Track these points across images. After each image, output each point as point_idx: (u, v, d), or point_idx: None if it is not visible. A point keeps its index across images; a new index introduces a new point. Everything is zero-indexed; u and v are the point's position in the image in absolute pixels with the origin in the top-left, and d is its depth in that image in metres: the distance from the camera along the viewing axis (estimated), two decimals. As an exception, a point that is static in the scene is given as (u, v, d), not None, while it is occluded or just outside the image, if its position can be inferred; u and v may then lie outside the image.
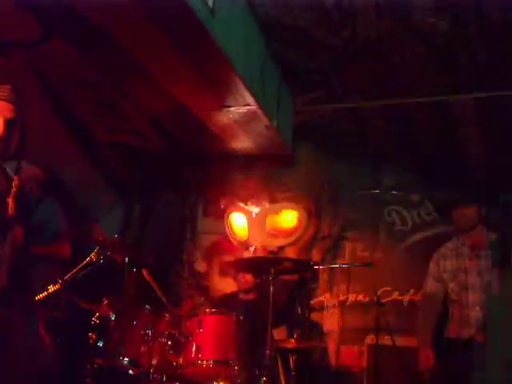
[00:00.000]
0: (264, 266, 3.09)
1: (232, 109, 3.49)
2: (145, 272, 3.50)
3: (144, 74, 3.02)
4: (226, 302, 3.90)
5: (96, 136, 4.52)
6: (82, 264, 3.10)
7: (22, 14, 2.83)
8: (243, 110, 3.48)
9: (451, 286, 3.45)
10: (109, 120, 4.31)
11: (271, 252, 4.43)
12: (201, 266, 4.95)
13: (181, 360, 2.89)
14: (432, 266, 3.58)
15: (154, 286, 3.51)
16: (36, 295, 2.79)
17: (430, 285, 3.56)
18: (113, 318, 2.97)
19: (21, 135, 2.04)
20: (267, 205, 4.57)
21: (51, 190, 3.84)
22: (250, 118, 3.61)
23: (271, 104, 3.69)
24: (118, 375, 2.95)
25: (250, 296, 3.89)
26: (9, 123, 2.02)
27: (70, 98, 3.99)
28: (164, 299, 3.50)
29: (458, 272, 3.43)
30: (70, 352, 3.11)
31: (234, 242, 4.70)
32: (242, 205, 4.65)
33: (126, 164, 5.00)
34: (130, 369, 2.90)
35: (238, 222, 4.70)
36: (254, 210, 4.59)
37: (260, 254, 4.21)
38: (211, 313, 3.10)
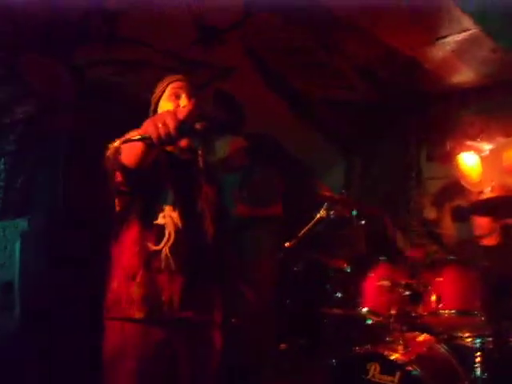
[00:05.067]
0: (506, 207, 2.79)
1: (447, 39, 3.17)
2: (387, 221, 3.51)
3: (349, 24, 2.96)
4: (462, 249, 3.68)
5: (310, 97, 4.66)
6: (314, 221, 3.26)
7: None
8: (461, 36, 3.12)
9: None
10: (320, 79, 4.38)
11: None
12: (430, 214, 4.75)
13: (420, 310, 2.85)
14: None
15: (397, 234, 3.50)
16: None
17: None
18: (348, 271, 3.08)
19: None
20: (502, 139, 4.09)
21: (259, 156, 4.05)
22: (470, 44, 3.23)
23: (494, 21, 3.19)
24: (357, 324, 3.06)
25: (492, 241, 3.58)
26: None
27: (280, 66, 4.17)
28: (404, 248, 3.48)
29: None
30: (310, 303, 3.35)
31: (466, 185, 4.37)
32: (470, 143, 4.27)
33: (342, 119, 5.05)
34: (369, 318, 2.98)
35: (468, 162, 4.34)
36: (486, 146, 4.17)
37: (498, 194, 3.79)
38: (450, 261, 2.95)
